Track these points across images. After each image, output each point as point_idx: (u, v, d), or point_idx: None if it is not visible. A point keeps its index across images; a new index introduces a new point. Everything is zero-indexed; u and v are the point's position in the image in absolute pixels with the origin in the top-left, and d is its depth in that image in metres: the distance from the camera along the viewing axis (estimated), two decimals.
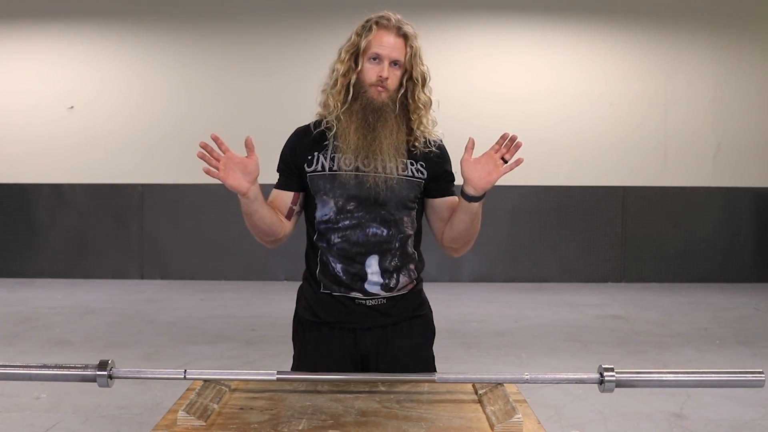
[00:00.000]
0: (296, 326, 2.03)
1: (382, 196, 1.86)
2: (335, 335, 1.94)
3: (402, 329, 1.96)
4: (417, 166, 1.91)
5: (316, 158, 1.90)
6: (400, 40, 1.83)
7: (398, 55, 1.83)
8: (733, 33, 7.68)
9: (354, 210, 1.88)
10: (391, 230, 1.90)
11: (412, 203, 1.93)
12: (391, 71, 1.83)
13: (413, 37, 1.85)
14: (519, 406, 1.57)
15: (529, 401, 1.72)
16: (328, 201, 1.89)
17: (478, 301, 6.48)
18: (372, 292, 1.91)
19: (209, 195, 7.65)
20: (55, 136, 7.74)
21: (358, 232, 1.88)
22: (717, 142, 7.76)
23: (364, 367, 1.96)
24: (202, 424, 1.49)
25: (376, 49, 1.82)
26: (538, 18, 7.68)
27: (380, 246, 1.89)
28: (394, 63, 1.84)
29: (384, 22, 1.83)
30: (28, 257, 7.74)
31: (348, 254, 1.89)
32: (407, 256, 1.94)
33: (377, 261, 1.89)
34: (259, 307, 6.28)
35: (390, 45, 1.82)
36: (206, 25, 7.69)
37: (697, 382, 1.70)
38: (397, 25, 1.83)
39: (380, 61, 1.83)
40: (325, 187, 1.88)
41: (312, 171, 1.90)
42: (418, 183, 1.91)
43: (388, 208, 1.88)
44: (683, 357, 4.74)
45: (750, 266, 7.78)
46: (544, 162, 7.62)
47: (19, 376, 1.65)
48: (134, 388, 3.85)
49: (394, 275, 1.91)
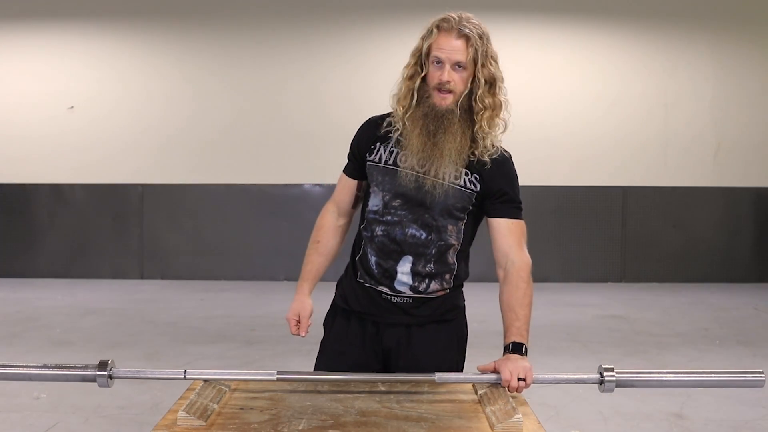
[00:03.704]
0: (330, 311, 2.08)
1: (428, 200, 1.85)
2: (361, 326, 1.97)
3: (426, 331, 1.95)
4: (471, 177, 1.87)
5: (377, 149, 1.92)
6: (462, 41, 1.79)
7: (460, 57, 1.79)
8: (733, 33, 7.68)
9: (398, 207, 1.88)
10: (431, 235, 1.88)
11: (460, 213, 1.89)
12: (454, 74, 1.80)
13: (476, 37, 1.79)
14: (519, 406, 1.57)
15: (529, 401, 1.72)
16: (378, 193, 1.91)
17: (478, 301, 6.44)
18: (399, 290, 1.91)
19: (209, 195, 7.65)
20: (55, 136, 7.74)
21: (398, 230, 1.89)
22: (717, 142, 7.76)
23: (385, 362, 1.96)
24: (202, 424, 1.49)
25: (437, 52, 1.80)
26: (538, 18, 7.68)
27: (416, 248, 1.89)
28: (457, 65, 1.80)
29: (444, 25, 1.80)
30: (28, 257, 7.74)
31: (385, 249, 1.90)
32: (445, 265, 1.92)
33: (411, 262, 1.89)
34: (259, 307, 6.28)
35: (450, 47, 1.79)
36: (208, 24, 7.68)
37: (697, 382, 1.70)
38: (458, 27, 1.79)
39: (442, 64, 1.80)
40: (377, 179, 1.90)
41: (371, 160, 1.92)
42: (468, 194, 1.87)
43: (432, 213, 1.87)
44: (683, 357, 4.74)
45: (750, 266, 7.77)
46: (545, 162, 7.62)
47: (19, 376, 1.65)
48: (134, 388, 3.84)
49: (425, 280, 1.91)
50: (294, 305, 1.98)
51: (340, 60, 7.56)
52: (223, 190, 7.64)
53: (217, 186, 7.64)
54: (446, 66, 1.79)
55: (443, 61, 1.79)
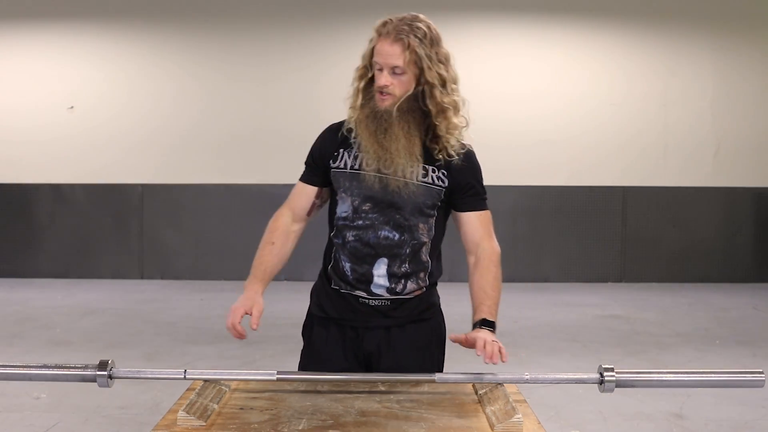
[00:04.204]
0: (307, 321, 2.06)
1: (397, 200, 1.86)
2: (340, 332, 1.96)
3: (406, 332, 1.96)
4: (439, 174, 1.89)
5: (341, 155, 1.91)
6: (397, 46, 1.79)
7: (396, 61, 1.80)
8: (733, 33, 7.68)
9: (369, 211, 1.88)
10: (404, 235, 1.89)
11: (430, 210, 1.91)
12: (392, 78, 1.81)
13: (415, 41, 1.79)
14: (519, 406, 1.57)
15: (529, 401, 1.72)
16: (347, 199, 1.90)
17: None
18: (376, 293, 1.92)
19: (209, 195, 7.65)
20: (55, 136, 7.74)
21: (371, 233, 1.88)
22: (717, 142, 7.76)
23: (367, 366, 1.96)
24: (202, 424, 1.49)
25: (376, 57, 1.82)
26: (538, 18, 7.68)
27: (390, 250, 1.89)
28: (395, 70, 1.81)
29: (383, 30, 1.82)
30: (28, 257, 7.74)
31: (359, 254, 1.90)
32: (419, 264, 1.93)
33: (386, 265, 1.90)
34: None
35: (386, 53, 1.80)
36: (209, 25, 7.68)
37: (697, 382, 1.70)
38: (395, 32, 1.80)
39: (382, 69, 1.82)
40: (345, 185, 1.90)
41: (336, 167, 1.92)
42: (437, 191, 1.89)
43: (403, 213, 1.88)
44: (683, 357, 4.74)
45: (750, 266, 7.77)
46: (544, 162, 7.62)
47: (19, 376, 1.65)
48: (134, 388, 3.84)
49: (401, 281, 1.91)
50: (245, 300, 1.84)
51: (340, 60, 7.56)
52: (223, 190, 7.64)
53: (217, 186, 7.64)
54: (384, 71, 1.81)
55: (382, 66, 1.82)
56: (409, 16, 1.82)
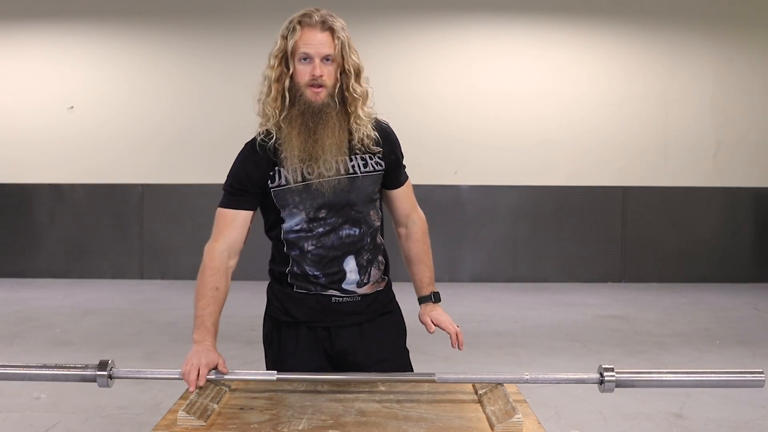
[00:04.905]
0: (270, 328, 2.02)
1: (351, 198, 1.85)
2: (312, 334, 1.95)
3: (376, 325, 1.98)
4: (376, 159, 1.89)
5: (279, 173, 1.84)
6: (327, 34, 1.78)
7: (328, 49, 1.78)
8: (733, 33, 7.68)
9: (326, 216, 1.86)
10: (362, 227, 1.90)
11: (376, 195, 1.94)
12: (324, 67, 1.78)
13: (340, 29, 1.80)
14: (519, 406, 1.57)
15: (529, 401, 1.72)
16: (299, 213, 1.86)
17: (478, 301, 6.47)
18: (348, 290, 1.92)
19: (209, 195, 7.61)
20: (55, 136, 7.74)
21: (332, 236, 1.88)
22: (717, 142, 7.76)
23: (339, 363, 1.96)
24: (202, 424, 1.49)
25: (304, 48, 1.78)
26: (538, 18, 7.68)
27: (354, 245, 1.90)
28: (325, 59, 1.79)
29: (307, 20, 1.79)
30: (28, 257, 7.74)
31: (324, 259, 1.89)
32: (377, 247, 1.96)
33: (354, 260, 1.91)
34: (259, 307, 6.23)
35: (317, 41, 1.77)
36: (209, 24, 7.68)
37: (697, 382, 1.70)
38: (321, 20, 1.79)
39: (311, 59, 1.78)
40: (294, 200, 1.84)
41: (276, 186, 1.84)
42: (379, 175, 1.91)
43: (357, 207, 1.88)
44: (683, 357, 4.74)
45: (750, 266, 7.77)
46: (544, 162, 7.62)
47: (19, 376, 1.65)
48: (134, 388, 3.84)
49: (368, 268, 1.93)
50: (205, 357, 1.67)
51: None
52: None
53: (218, 186, 7.54)
54: (315, 60, 1.78)
55: (312, 56, 1.78)
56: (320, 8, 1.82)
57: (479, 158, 7.53)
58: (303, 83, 1.79)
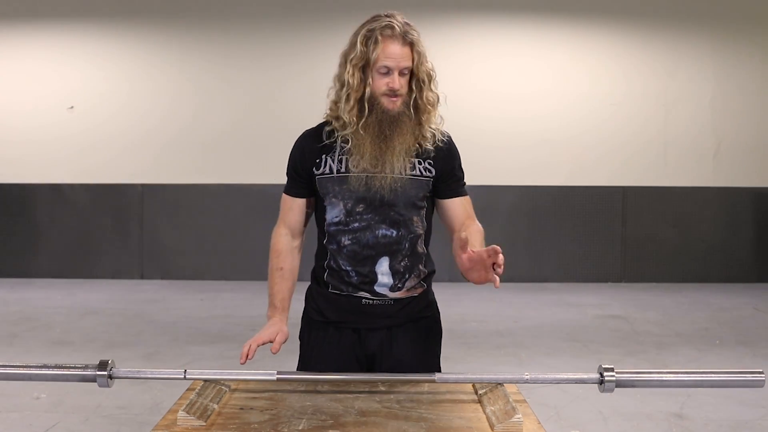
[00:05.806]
0: (304, 325, 2.05)
1: (389, 198, 1.86)
2: (341, 335, 1.96)
3: (407, 330, 1.96)
4: (425, 165, 1.91)
5: (324, 161, 1.90)
6: (407, 48, 1.81)
7: (407, 62, 1.82)
8: (733, 33, 7.68)
9: (363, 212, 1.88)
10: (401, 231, 1.90)
11: (421, 202, 1.92)
12: (401, 79, 1.83)
13: (419, 42, 1.83)
14: (519, 406, 1.57)
15: (529, 401, 1.72)
16: (338, 203, 1.89)
17: (478, 301, 6.47)
18: (380, 293, 1.92)
19: (209, 195, 7.65)
20: (55, 136, 7.74)
21: (368, 234, 1.88)
22: (717, 142, 7.76)
23: (368, 367, 1.96)
24: (202, 424, 1.49)
25: (385, 62, 1.80)
26: (538, 18, 7.68)
27: (390, 247, 1.89)
28: (403, 71, 1.83)
29: (388, 32, 1.80)
30: (28, 257, 7.74)
31: (359, 257, 1.90)
32: (417, 256, 1.94)
33: (388, 262, 1.90)
34: (259, 307, 6.25)
35: (398, 55, 1.80)
36: (210, 24, 7.68)
37: (697, 382, 1.70)
38: (403, 34, 1.81)
39: (390, 71, 1.81)
40: (334, 190, 1.89)
41: (320, 174, 1.90)
42: (426, 181, 1.91)
43: (396, 209, 1.88)
44: (683, 357, 4.74)
45: (750, 266, 7.77)
46: (544, 162, 7.62)
47: (19, 376, 1.65)
48: (134, 388, 3.85)
49: (405, 275, 1.92)
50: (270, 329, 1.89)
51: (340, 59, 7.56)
52: (223, 190, 7.64)
53: (217, 186, 7.64)
54: (395, 73, 1.81)
55: (392, 69, 1.81)
56: (398, 15, 1.83)
57: (479, 158, 7.52)
58: (380, 92, 1.83)
